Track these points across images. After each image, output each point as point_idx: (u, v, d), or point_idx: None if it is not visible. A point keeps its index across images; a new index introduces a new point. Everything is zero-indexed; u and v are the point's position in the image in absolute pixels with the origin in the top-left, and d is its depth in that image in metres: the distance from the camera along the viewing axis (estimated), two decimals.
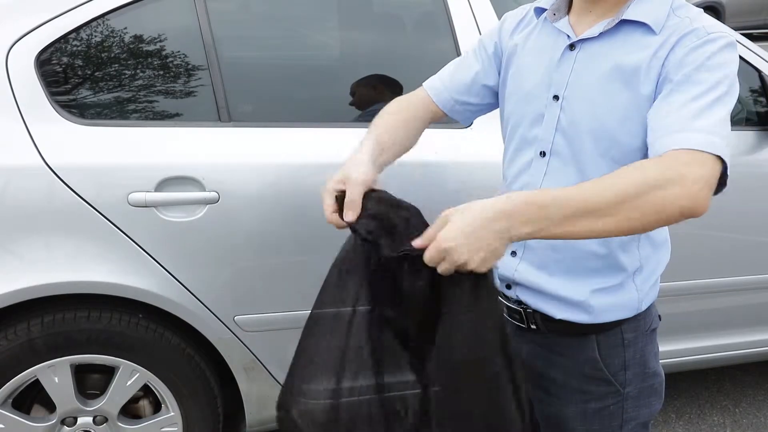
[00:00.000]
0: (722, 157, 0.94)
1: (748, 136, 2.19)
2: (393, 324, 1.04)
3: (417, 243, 0.97)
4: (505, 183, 1.27)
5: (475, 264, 0.92)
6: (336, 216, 1.09)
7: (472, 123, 1.38)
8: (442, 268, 0.94)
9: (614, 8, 1.10)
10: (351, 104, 2.00)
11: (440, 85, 1.34)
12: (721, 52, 1.02)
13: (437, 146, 1.90)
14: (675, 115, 0.98)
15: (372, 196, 1.08)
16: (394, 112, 1.28)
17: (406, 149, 1.27)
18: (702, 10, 1.10)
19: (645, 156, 1.06)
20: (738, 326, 2.38)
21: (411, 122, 1.29)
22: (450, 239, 0.91)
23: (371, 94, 2.01)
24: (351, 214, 1.07)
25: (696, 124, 0.96)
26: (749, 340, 2.41)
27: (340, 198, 1.09)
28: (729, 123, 1.00)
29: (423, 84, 1.36)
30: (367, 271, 1.03)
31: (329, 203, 1.10)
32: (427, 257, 0.94)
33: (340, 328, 1.05)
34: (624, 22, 1.08)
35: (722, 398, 2.74)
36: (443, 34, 2.02)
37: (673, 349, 2.28)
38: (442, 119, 1.37)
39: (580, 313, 1.16)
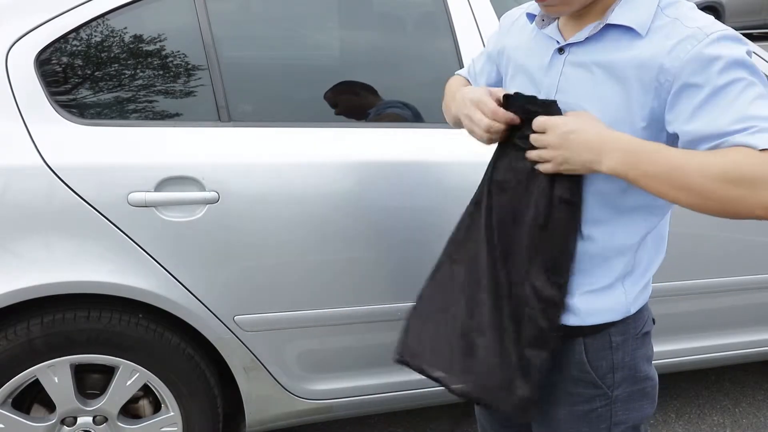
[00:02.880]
0: None
1: None
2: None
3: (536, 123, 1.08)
4: None
5: (557, 164, 1.06)
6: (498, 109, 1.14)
7: None
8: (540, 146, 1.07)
9: (599, 13, 1.10)
10: (338, 114, 1.99)
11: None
12: (728, 47, 0.99)
13: (437, 146, 1.90)
14: (727, 115, 0.96)
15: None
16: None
17: None
18: (694, 5, 1.08)
19: None
20: (738, 326, 2.38)
21: None
22: (560, 132, 1.04)
23: (355, 99, 2.02)
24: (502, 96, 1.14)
25: (741, 126, 0.95)
26: (749, 340, 2.41)
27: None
28: None
29: (457, 72, 1.50)
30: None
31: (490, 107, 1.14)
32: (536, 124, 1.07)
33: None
34: (610, 26, 1.08)
35: (722, 398, 2.74)
36: (443, 34, 2.03)
37: (673, 349, 2.28)
38: None
39: (568, 315, 1.16)
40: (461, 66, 1.98)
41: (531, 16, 1.23)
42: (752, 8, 11.37)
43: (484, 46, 2.00)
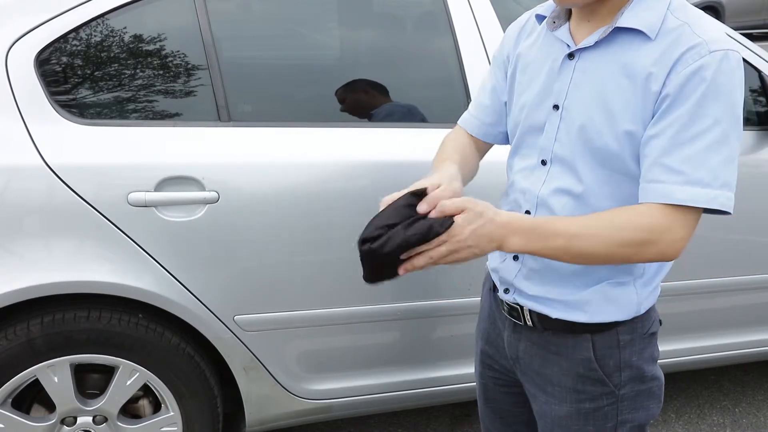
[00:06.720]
0: (707, 206, 1.01)
1: (748, 136, 2.19)
2: None
3: (422, 209, 1.02)
4: (507, 184, 1.29)
5: (463, 258, 1.02)
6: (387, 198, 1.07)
7: None
8: (438, 252, 1.01)
9: (609, 16, 1.10)
10: (343, 110, 2.00)
11: (468, 115, 1.40)
12: (725, 74, 1.00)
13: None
14: (666, 154, 1.02)
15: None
16: (454, 146, 1.36)
17: (470, 178, 1.35)
18: (702, 12, 1.09)
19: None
20: (738, 326, 2.38)
21: (469, 155, 1.36)
22: (464, 237, 1.00)
23: (364, 98, 2.02)
24: (425, 207, 1.03)
25: (685, 168, 1.00)
26: (749, 340, 2.41)
27: (417, 193, 1.06)
28: (732, 161, 1.02)
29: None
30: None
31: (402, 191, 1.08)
32: (439, 247, 1.00)
33: None
34: (619, 30, 1.07)
35: (722, 398, 2.74)
36: (443, 34, 2.03)
37: (673, 349, 2.28)
38: (488, 147, 1.41)
39: (577, 313, 1.16)
40: (461, 65, 1.98)
41: (540, 18, 1.23)
42: (752, 8, 11.37)
43: (484, 46, 2.00)
